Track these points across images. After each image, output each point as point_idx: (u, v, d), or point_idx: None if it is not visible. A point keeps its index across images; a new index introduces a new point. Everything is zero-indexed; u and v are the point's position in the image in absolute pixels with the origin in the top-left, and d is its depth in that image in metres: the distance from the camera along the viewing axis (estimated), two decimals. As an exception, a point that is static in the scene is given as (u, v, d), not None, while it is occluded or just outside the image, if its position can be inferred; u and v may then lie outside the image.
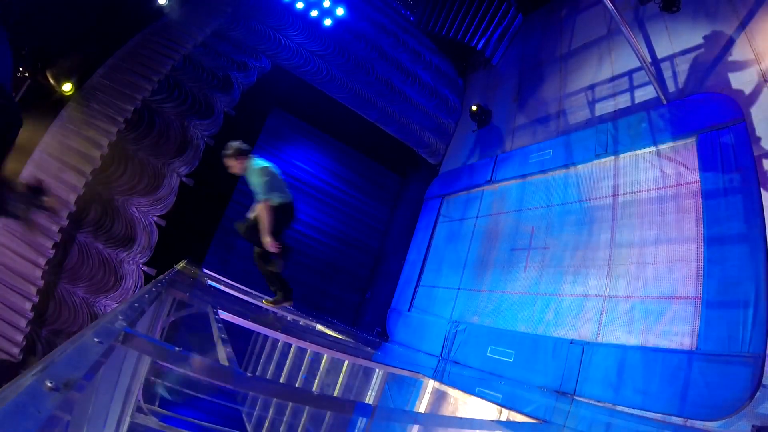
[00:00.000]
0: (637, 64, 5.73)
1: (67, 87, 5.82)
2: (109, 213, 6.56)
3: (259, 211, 4.08)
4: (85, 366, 1.03)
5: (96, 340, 1.23)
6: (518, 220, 6.97)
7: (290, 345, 6.82)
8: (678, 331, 4.17)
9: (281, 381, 6.59)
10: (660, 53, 5.92)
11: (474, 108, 9.31)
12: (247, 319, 3.50)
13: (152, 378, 6.52)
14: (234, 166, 4.22)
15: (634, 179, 5.46)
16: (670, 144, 5.23)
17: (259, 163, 4.23)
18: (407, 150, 10.37)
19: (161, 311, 3.35)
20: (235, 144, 4.20)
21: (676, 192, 4.91)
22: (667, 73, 5.70)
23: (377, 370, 5.19)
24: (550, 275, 5.88)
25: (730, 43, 5.06)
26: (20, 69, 5.47)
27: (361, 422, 5.20)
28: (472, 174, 8.71)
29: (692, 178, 4.80)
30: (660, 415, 3.84)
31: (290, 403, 5.88)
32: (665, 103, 5.44)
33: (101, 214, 6.45)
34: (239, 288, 6.80)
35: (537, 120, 7.88)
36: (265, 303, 4.81)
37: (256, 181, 4.12)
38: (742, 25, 5.00)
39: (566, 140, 6.77)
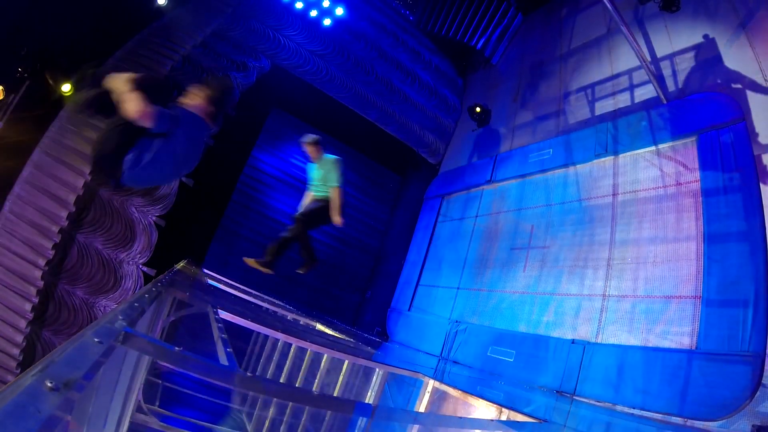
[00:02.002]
0: (637, 63, 5.73)
1: (66, 87, 5.81)
2: (109, 213, 6.56)
3: (333, 193, 4.84)
4: (85, 366, 1.02)
5: (96, 340, 1.23)
6: (518, 220, 6.97)
7: (290, 345, 6.82)
8: (678, 331, 4.17)
9: (281, 381, 6.59)
10: (660, 53, 5.92)
11: (474, 108, 9.31)
12: (247, 319, 3.50)
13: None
14: (312, 152, 4.98)
15: (634, 178, 5.46)
16: (669, 143, 5.23)
17: (331, 156, 5.04)
18: (407, 150, 10.36)
19: (161, 311, 3.35)
20: (313, 136, 5.01)
21: (676, 191, 4.91)
22: (667, 73, 5.70)
23: (377, 369, 5.19)
24: (550, 275, 5.88)
25: (730, 42, 5.06)
26: (19, 69, 5.46)
27: (361, 422, 5.21)
28: (472, 173, 8.71)
29: (692, 177, 4.80)
30: (660, 414, 3.84)
31: (290, 403, 5.88)
32: (665, 102, 5.43)
33: (101, 214, 6.44)
34: (239, 288, 6.80)
35: (537, 119, 7.88)
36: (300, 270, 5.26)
37: (329, 170, 4.91)
38: (742, 25, 5.00)
39: (566, 140, 6.77)
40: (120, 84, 2.25)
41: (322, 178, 4.94)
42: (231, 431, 6.49)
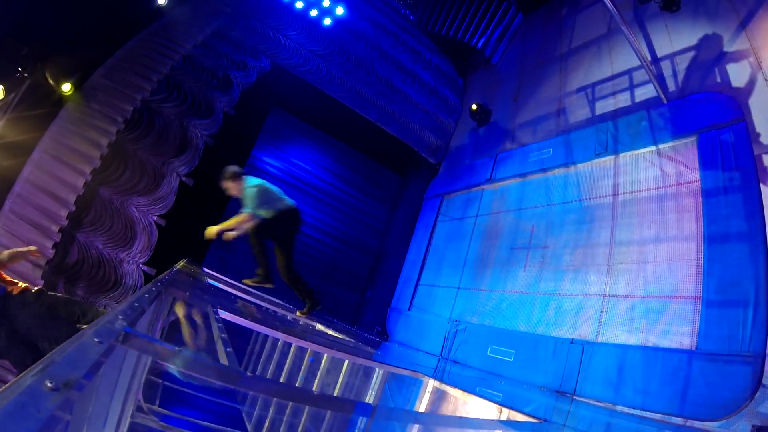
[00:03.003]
0: (637, 63, 5.72)
1: (67, 87, 5.82)
2: (109, 213, 6.56)
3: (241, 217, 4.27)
4: (85, 366, 1.02)
5: (96, 339, 1.23)
6: (518, 219, 6.96)
7: (290, 344, 6.83)
8: (678, 331, 4.17)
9: (281, 380, 6.60)
10: (660, 52, 5.92)
11: (474, 107, 9.31)
12: (247, 319, 3.50)
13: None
14: (231, 188, 4.39)
15: (635, 178, 5.46)
16: (670, 143, 5.22)
17: (253, 181, 4.42)
18: (407, 149, 10.36)
19: (161, 311, 3.35)
20: (231, 168, 4.39)
21: (676, 191, 4.91)
22: (668, 72, 5.69)
23: (377, 369, 5.19)
24: (550, 274, 5.88)
25: (730, 42, 5.05)
26: (20, 69, 5.46)
27: (361, 422, 5.21)
28: (472, 173, 8.71)
29: (692, 177, 4.80)
30: (660, 414, 3.84)
31: (290, 403, 5.89)
32: (665, 102, 5.43)
33: (101, 213, 6.45)
34: (239, 287, 6.80)
35: (537, 119, 7.87)
36: (298, 314, 5.06)
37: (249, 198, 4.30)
38: (742, 25, 4.99)
39: (566, 139, 6.76)
40: None
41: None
42: (231, 431, 6.49)
